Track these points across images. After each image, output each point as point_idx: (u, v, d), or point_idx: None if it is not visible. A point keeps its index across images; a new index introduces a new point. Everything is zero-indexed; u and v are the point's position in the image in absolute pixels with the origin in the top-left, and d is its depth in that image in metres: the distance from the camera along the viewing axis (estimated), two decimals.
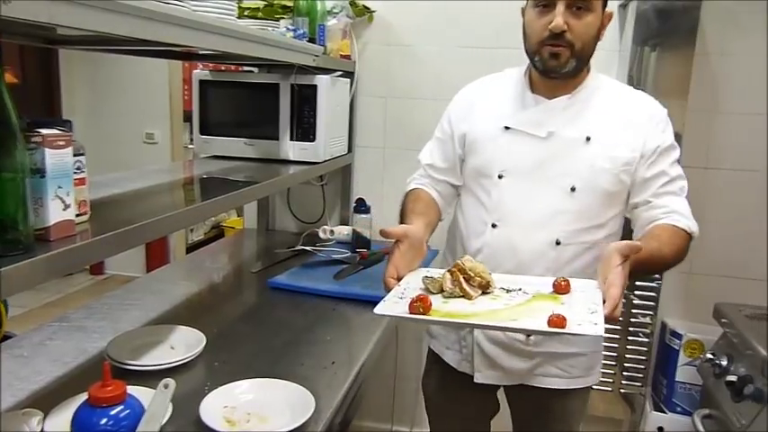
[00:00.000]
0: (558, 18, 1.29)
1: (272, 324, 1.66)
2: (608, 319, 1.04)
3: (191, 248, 4.83)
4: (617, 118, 1.38)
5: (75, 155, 0.94)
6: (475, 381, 1.49)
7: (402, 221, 1.38)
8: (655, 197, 1.37)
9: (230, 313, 1.75)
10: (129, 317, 1.62)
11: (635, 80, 2.17)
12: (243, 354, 1.45)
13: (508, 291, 1.21)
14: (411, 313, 1.08)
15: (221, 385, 1.23)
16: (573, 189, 1.35)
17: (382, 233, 1.23)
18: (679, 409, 2.29)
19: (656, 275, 2.23)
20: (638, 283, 2.23)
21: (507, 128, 1.41)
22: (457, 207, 1.55)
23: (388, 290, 1.18)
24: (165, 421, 1.09)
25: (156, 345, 1.42)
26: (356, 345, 1.55)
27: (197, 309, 1.78)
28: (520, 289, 1.22)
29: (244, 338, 1.55)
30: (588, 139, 1.36)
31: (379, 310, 1.08)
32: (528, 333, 1.38)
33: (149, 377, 1.24)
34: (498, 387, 1.56)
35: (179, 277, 2.07)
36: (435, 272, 1.27)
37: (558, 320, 1.02)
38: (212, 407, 1.15)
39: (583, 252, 1.39)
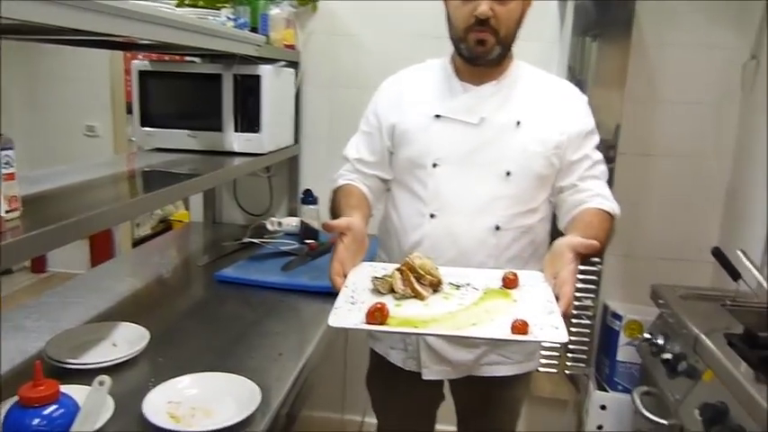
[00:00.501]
0: (484, 5, 1.30)
1: (219, 318, 1.64)
2: (563, 317, 1.06)
3: (137, 243, 4.71)
4: (543, 102, 1.42)
5: (2, 149, 0.91)
6: (423, 378, 1.49)
7: (335, 218, 1.36)
8: (580, 181, 1.41)
9: (176, 308, 1.72)
10: (69, 315, 1.57)
11: (576, 71, 2.22)
12: (189, 349, 1.43)
13: (457, 287, 1.22)
14: (370, 323, 1.06)
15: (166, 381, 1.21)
16: (508, 174, 1.38)
17: (325, 227, 1.23)
18: (620, 387, 2.38)
19: (597, 259, 2.30)
20: (580, 267, 2.28)
21: (438, 116, 1.41)
22: (388, 203, 1.54)
23: (336, 288, 1.17)
24: (106, 419, 1.07)
25: (98, 342, 1.38)
26: (304, 336, 1.54)
27: (141, 304, 1.74)
28: (468, 284, 1.22)
29: (190, 333, 1.53)
30: (518, 123, 1.38)
31: (333, 322, 1.06)
32: (493, 341, 1.40)
33: (91, 376, 1.20)
34: (443, 381, 1.58)
35: (123, 273, 2.02)
36: (379, 267, 1.27)
37: (521, 327, 1.03)
38: (156, 403, 1.14)
39: (520, 237, 1.42)
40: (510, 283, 1.21)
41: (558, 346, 2.38)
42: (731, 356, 1.50)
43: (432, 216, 1.41)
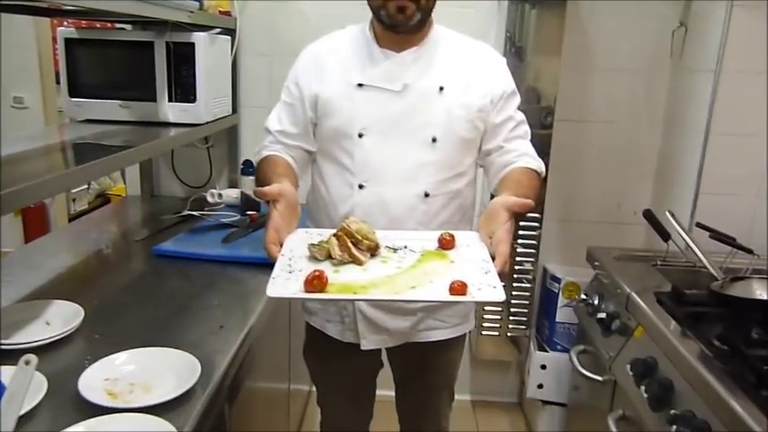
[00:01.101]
0: None
1: (158, 293, 1.61)
2: (499, 276, 1.08)
3: (74, 219, 4.56)
4: (464, 67, 1.42)
5: None
6: (362, 348, 1.49)
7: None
8: (506, 142, 1.43)
9: (112, 284, 1.67)
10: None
11: (515, 39, 2.24)
12: (126, 325, 1.40)
13: (395, 250, 1.22)
14: (309, 291, 1.05)
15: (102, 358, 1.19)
16: (434, 140, 1.38)
17: (256, 193, 1.21)
18: (559, 347, 2.46)
19: (536, 224, 2.35)
20: (520, 232, 2.34)
21: (361, 85, 1.39)
22: (315, 175, 1.52)
23: (272, 258, 1.15)
24: (38, 399, 1.04)
25: (30, 321, 1.34)
26: (246, 307, 1.53)
27: (76, 281, 1.69)
28: (405, 246, 1.23)
29: (127, 309, 1.49)
30: (441, 88, 1.38)
31: (272, 292, 1.04)
32: (433, 303, 1.41)
33: (22, 356, 1.17)
34: (381, 349, 1.59)
35: (57, 249, 1.95)
36: (315, 233, 1.26)
37: (459, 288, 1.04)
38: (92, 381, 1.11)
39: (448, 202, 1.43)
40: (446, 244, 1.23)
41: (499, 303, 2.42)
42: (660, 314, 1.57)
43: (360, 187, 1.40)
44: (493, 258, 1.12)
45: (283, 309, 1.91)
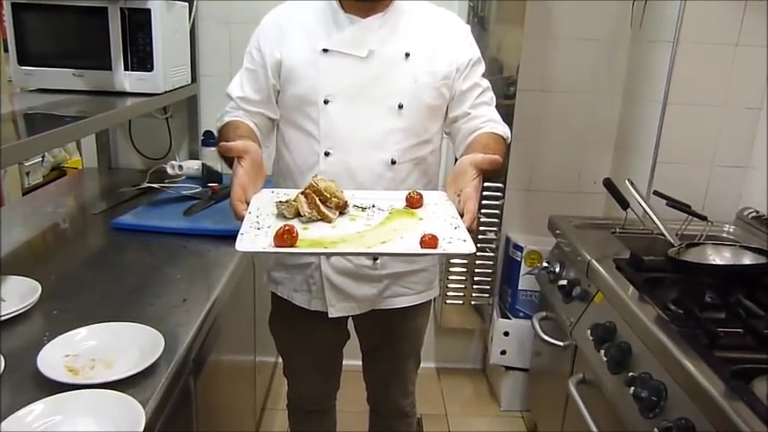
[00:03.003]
0: None
1: (118, 267, 1.58)
2: (468, 231, 1.08)
3: (28, 193, 4.42)
4: (430, 33, 1.41)
5: None
6: (330, 316, 1.50)
7: (225, 159, 1.29)
8: (473, 108, 1.43)
9: (70, 259, 1.63)
10: None
11: (477, 9, 2.22)
12: (85, 300, 1.37)
13: (363, 209, 1.22)
14: (279, 246, 1.04)
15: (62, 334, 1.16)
16: (400, 107, 1.37)
17: (221, 149, 1.18)
18: (521, 314, 2.50)
19: (499, 194, 2.37)
20: (483, 201, 2.35)
21: (326, 50, 1.37)
22: (279, 143, 1.51)
23: (239, 216, 1.13)
24: None
25: None
26: (210, 280, 1.51)
27: (32, 256, 1.64)
28: (373, 205, 1.23)
29: (86, 284, 1.46)
30: (407, 55, 1.37)
31: (241, 246, 1.03)
32: (405, 256, 1.40)
33: None
34: (348, 317, 1.59)
35: (11, 223, 1.89)
36: (282, 192, 1.25)
37: (430, 241, 1.04)
38: (52, 357, 1.08)
39: (414, 169, 1.43)
40: (414, 202, 1.23)
41: (463, 272, 2.47)
42: (619, 280, 1.60)
43: (326, 154, 1.39)
44: (462, 215, 1.12)
45: (248, 281, 1.89)
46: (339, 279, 1.47)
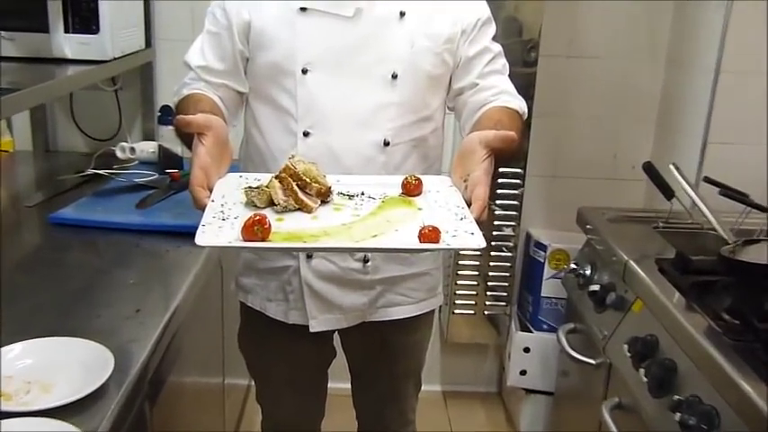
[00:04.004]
0: None
1: (57, 270, 1.58)
2: (477, 223, 1.08)
3: None
4: None
5: None
6: (311, 330, 1.50)
7: (183, 138, 1.30)
8: (481, 78, 1.43)
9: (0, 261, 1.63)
10: None
11: None
12: (19, 310, 1.36)
13: (350, 196, 1.22)
14: (248, 240, 1.03)
15: None
16: (394, 76, 1.38)
17: (179, 122, 1.18)
18: (545, 326, 2.51)
19: (518, 181, 2.37)
20: (498, 190, 2.36)
21: (304, 9, 1.37)
22: (248, 122, 1.51)
23: (200, 205, 1.13)
24: None
25: None
26: (168, 287, 1.52)
27: None
28: (362, 192, 1.23)
29: (19, 291, 1.46)
30: (402, 14, 1.37)
31: (202, 240, 1.02)
32: (400, 251, 1.40)
33: None
34: (334, 332, 1.60)
35: None
36: (252, 177, 1.25)
37: (431, 234, 1.04)
38: None
39: (411, 151, 1.44)
40: (412, 189, 1.23)
41: (474, 275, 2.48)
42: (662, 284, 1.61)
43: (305, 134, 1.39)
44: (469, 204, 1.13)
45: (215, 287, 1.90)
46: (322, 285, 1.48)
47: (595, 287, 1.89)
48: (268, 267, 1.52)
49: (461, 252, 2.38)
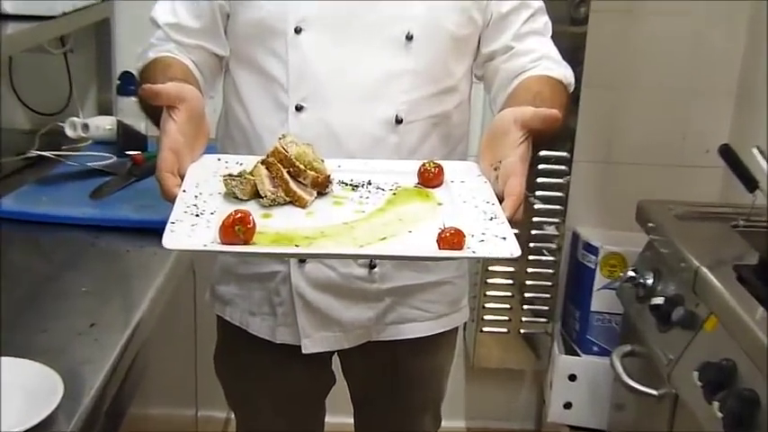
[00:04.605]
0: None
1: None
2: (510, 224, 1.07)
3: None
4: None
5: None
6: (304, 352, 1.50)
7: (149, 112, 1.30)
8: (517, 40, 1.43)
9: None
10: None
11: None
12: None
13: (353, 187, 1.22)
14: (227, 242, 1.03)
15: None
16: (409, 38, 1.37)
17: (145, 92, 1.16)
18: (595, 348, 2.51)
19: (563, 167, 2.37)
20: (539, 179, 2.36)
21: None
22: (228, 94, 1.51)
23: (168, 195, 1.13)
24: None
25: None
26: (129, 296, 1.53)
27: None
28: (369, 182, 1.23)
29: None
30: None
31: (170, 242, 1.01)
32: (415, 260, 1.41)
33: None
34: (333, 353, 1.60)
35: None
36: (233, 160, 1.25)
37: (453, 238, 1.03)
38: None
39: (431, 131, 1.44)
40: (431, 178, 1.23)
41: (509, 272, 2.49)
42: (742, 297, 1.60)
43: (298, 109, 1.38)
44: (501, 199, 1.13)
45: (186, 297, 1.91)
46: (317, 296, 1.48)
47: (659, 300, 1.89)
48: (251, 273, 1.52)
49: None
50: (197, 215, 1.09)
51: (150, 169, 1.98)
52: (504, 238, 1.05)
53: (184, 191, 1.13)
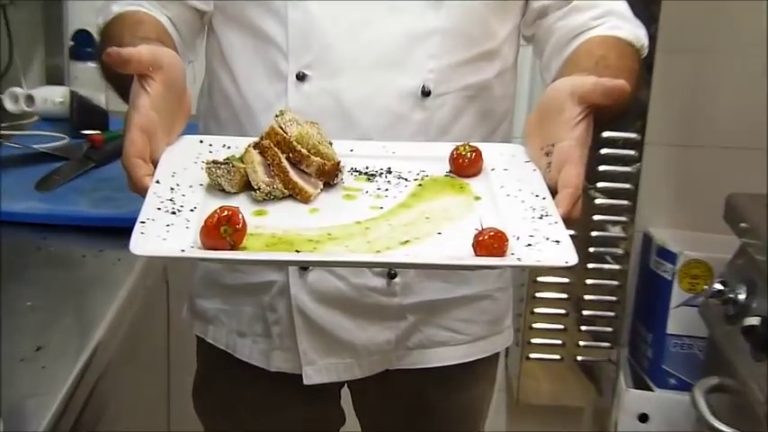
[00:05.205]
0: None
1: None
2: (565, 223, 1.06)
3: None
4: None
5: None
6: (307, 383, 1.50)
7: (113, 81, 1.31)
8: None
9: None
10: None
11: None
12: None
13: (369, 176, 1.22)
14: (211, 247, 1.02)
15: None
16: None
17: (110, 56, 1.14)
18: (673, 381, 2.51)
19: (633, 152, 2.37)
20: (601, 167, 2.36)
21: None
22: (213, 59, 1.52)
23: (138, 187, 1.12)
24: None
25: None
26: (85, 312, 1.53)
27: None
28: (389, 170, 1.23)
29: None
30: None
31: (139, 246, 1.00)
32: (447, 269, 1.41)
33: None
34: (342, 385, 1.60)
35: None
36: (218, 142, 1.25)
37: (493, 241, 1.02)
38: None
39: (465, 107, 1.44)
40: (466, 165, 1.22)
41: (564, 284, 2.49)
42: None
43: (301, 78, 1.38)
44: (554, 192, 1.12)
45: (156, 313, 1.92)
46: (323, 313, 1.48)
47: (754, 320, 1.89)
48: (240, 285, 1.53)
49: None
50: (173, 212, 1.09)
51: (113, 153, 2.01)
52: (558, 242, 1.04)
53: (158, 182, 1.13)
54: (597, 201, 2.37)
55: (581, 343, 2.52)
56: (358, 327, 1.49)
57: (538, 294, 2.48)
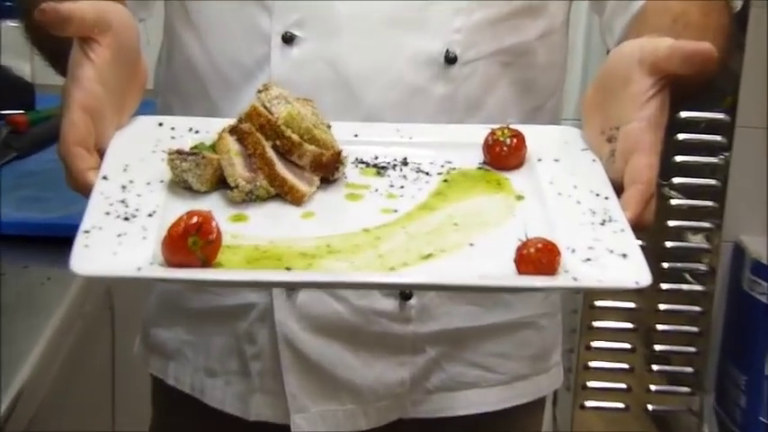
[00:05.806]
0: None
1: None
2: (635, 230, 1.05)
3: None
4: None
5: None
6: None
7: (44, 46, 1.33)
8: None
9: None
10: None
11: None
12: None
13: (380, 169, 1.23)
14: (176, 264, 1.01)
15: None
16: None
17: (43, 14, 1.10)
18: None
19: (722, 138, 2.38)
20: (677, 157, 2.37)
21: None
22: (174, 18, 1.53)
23: (80, 183, 1.11)
24: None
25: None
26: (9, 344, 1.55)
27: None
28: (404, 162, 1.23)
29: None
30: None
31: (82, 264, 0.98)
32: (481, 291, 1.40)
33: None
34: None
35: None
36: (183, 124, 1.25)
37: (540, 254, 1.00)
38: None
39: (500, 77, 1.45)
40: (505, 154, 1.21)
41: (628, 342, 2.49)
42: None
43: (288, 40, 1.40)
44: (619, 190, 1.13)
45: (99, 345, 1.93)
46: (317, 345, 1.48)
47: None
48: (209, 309, 1.53)
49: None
50: (126, 218, 1.08)
51: (41, 139, 2.04)
52: (625, 256, 1.02)
53: (105, 177, 1.12)
54: (674, 202, 2.38)
55: (652, 387, 2.53)
56: (362, 363, 1.49)
57: (596, 323, 2.49)
